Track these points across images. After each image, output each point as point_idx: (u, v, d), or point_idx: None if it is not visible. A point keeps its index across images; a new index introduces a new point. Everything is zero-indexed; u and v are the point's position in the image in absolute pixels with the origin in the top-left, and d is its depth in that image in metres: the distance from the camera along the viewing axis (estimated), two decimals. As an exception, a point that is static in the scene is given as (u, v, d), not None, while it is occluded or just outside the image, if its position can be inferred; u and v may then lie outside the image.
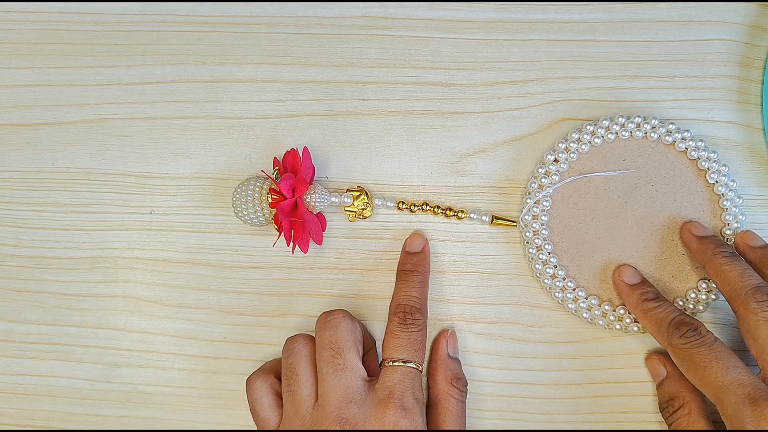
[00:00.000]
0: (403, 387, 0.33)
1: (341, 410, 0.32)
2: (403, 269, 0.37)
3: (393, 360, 0.34)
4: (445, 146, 0.39)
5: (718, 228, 0.37)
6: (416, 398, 0.33)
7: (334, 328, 0.34)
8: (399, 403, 0.32)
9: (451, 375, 0.36)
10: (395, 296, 0.37)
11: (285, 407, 0.34)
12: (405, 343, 0.35)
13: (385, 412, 0.32)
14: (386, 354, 0.35)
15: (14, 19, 0.40)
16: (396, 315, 0.35)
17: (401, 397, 0.33)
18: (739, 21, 0.38)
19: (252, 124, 0.39)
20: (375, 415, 0.32)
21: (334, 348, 0.34)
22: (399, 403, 0.32)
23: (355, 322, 0.35)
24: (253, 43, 0.39)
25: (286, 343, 0.36)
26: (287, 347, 0.36)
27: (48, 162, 0.40)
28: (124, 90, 0.40)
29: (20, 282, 0.40)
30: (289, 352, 0.35)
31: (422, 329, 0.35)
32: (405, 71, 0.39)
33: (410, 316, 0.35)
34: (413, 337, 0.35)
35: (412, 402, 0.33)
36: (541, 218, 0.37)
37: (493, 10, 0.39)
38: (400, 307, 0.36)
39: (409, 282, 0.37)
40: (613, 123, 0.37)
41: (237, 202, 0.37)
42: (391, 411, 0.32)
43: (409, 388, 0.33)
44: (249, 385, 0.36)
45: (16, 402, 0.39)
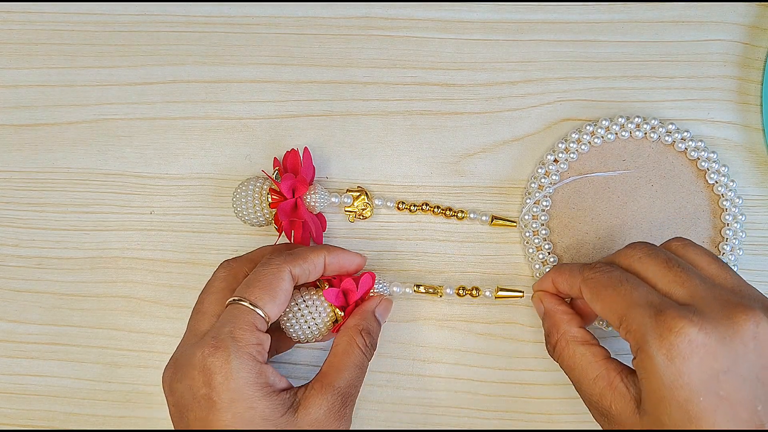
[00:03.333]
0: (222, 323, 0.30)
1: (178, 351, 0.31)
2: None
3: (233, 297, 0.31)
4: (445, 146, 0.39)
5: (718, 228, 0.37)
6: (234, 336, 0.29)
7: (211, 277, 0.34)
8: (212, 340, 0.29)
9: (364, 326, 0.34)
10: None
11: None
12: (246, 281, 0.32)
13: (195, 351, 0.29)
14: None
15: (14, 20, 0.40)
16: None
17: (216, 334, 0.29)
18: (738, 21, 0.39)
19: (252, 124, 0.39)
20: (188, 355, 0.30)
21: (201, 294, 0.33)
22: (212, 340, 0.29)
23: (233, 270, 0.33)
24: (253, 43, 0.39)
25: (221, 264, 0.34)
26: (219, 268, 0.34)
27: (48, 162, 0.40)
28: (124, 90, 0.40)
29: (20, 282, 0.40)
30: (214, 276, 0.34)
31: (274, 268, 0.32)
32: (405, 71, 0.39)
33: (268, 256, 0.33)
34: (256, 275, 0.32)
35: (227, 339, 0.29)
36: (541, 218, 0.37)
37: (493, 11, 0.39)
38: None
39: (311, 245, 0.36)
40: (613, 123, 0.37)
41: (237, 202, 0.37)
42: (200, 348, 0.29)
43: (227, 324, 0.30)
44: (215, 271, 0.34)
45: (16, 402, 0.39)
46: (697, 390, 0.26)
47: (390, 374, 0.38)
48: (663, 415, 0.27)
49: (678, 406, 0.26)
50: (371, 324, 0.34)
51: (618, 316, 0.29)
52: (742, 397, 0.26)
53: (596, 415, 0.31)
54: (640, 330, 0.28)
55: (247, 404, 0.29)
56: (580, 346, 0.32)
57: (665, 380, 0.26)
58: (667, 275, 0.29)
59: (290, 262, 0.32)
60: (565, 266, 0.34)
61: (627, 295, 0.29)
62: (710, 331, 0.26)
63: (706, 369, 0.26)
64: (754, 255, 0.38)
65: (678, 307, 0.27)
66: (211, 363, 0.29)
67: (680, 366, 0.26)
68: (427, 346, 0.38)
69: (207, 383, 0.29)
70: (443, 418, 0.38)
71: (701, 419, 0.26)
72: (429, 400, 0.38)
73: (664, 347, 0.26)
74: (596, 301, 0.30)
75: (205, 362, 0.29)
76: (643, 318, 0.27)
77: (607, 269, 0.31)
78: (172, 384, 0.30)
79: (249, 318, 0.30)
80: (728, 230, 0.37)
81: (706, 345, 0.26)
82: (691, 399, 0.26)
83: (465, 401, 0.38)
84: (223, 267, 0.34)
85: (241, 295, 0.31)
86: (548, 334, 0.34)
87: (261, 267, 0.32)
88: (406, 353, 0.38)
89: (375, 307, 0.35)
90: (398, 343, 0.39)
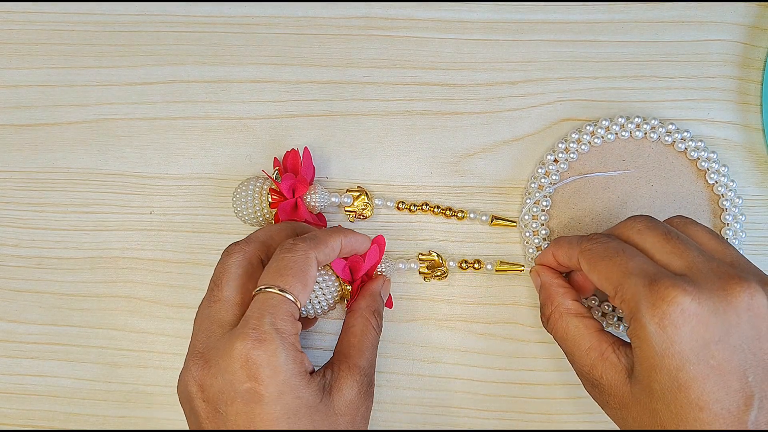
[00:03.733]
0: (260, 314, 0.29)
1: (200, 344, 0.30)
2: None
3: (259, 287, 0.30)
4: (445, 146, 0.39)
5: (718, 228, 0.37)
6: (277, 328, 0.28)
7: (223, 262, 0.32)
8: (253, 333, 0.28)
9: (375, 306, 0.34)
10: None
11: None
12: (274, 268, 0.30)
13: (234, 343, 0.28)
14: (258, 282, 0.31)
15: (15, 20, 0.40)
16: (280, 245, 0.32)
17: (256, 326, 0.28)
18: (738, 21, 0.39)
19: (252, 124, 0.39)
20: (226, 349, 0.28)
21: (215, 281, 0.32)
22: (253, 333, 0.28)
23: (250, 256, 0.32)
24: (253, 43, 0.39)
25: (224, 252, 0.33)
26: (223, 254, 0.33)
27: (48, 162, 0.40)
28: (125, 90, 0.40)
29: (20, 282, 0.40)
30: (222, 258, 0.32)
31: (301, 255, 0.31)
32: (405, 71, 0.39)
33: (290, 241, 0.31)
34: (285, 262, 0.30)
35: (271, 332, 0.28)
36: (541, 218, 0.37)
37: (493, 11, 0.39)
38: None
39: (322, 228, 0.35)
40: (613, 123, 0.37)
41: (237, 203, 0.37)
42: (240, 342, 0.28)
43: (267, 315, 0.29)
44: (227, 252, 0.32)
45: (16, 402, 0.39)
46: (688, 358, 0.26)
47: (390, 374, 0.38)
48: (654, 383, 0.27)
49: (668, 373, 0.27)
50: (380, 305, 0.35)
51: (613, 285, 0.29)
52: (733, 367, 0.26)
53: (587, 385, 0.32)
54: (633, 298, 0.28)
55: (294, 394, 0.29)
56: (573, 318, 0.32)
57: (657, 348, 0.27)
58: (665, 246, 0.29)
59: (315, 248, 0.31)
60: (564, 239, 0.34)
61: (622, 265, 0.29)
62: (703, 301, 0.26)
63: (698, 338, 0.26)
64: (754, 255, 0.38)
65: (672, 277, 0.27)
66: (257, 356, 0.28)
67: (672, 334, 0.26)
68: (427, 346, 0.38)
69: (253, 377, 0.28)
70: (443, 418, 0.38)
71: (690, 387, 0.26)
72: (429, 400, 0.38)
73: (656, 315, 0.27)
74: (593, 271, 0.30)
75: (249, 356, 0.28)
76: (637, 287, 0.28)
77: (604, 240, 0.31)
78: (205, 380, 0.29)
79: (286, 307, 0.29)
80: (728, 230, 0.37)
81: (699, 314, 0.26)
82: (682, 367, 0.26)
83: (465, 401, 0.38)
84: (236, 252, 0.32)
85: (274, 283, 0.30)
86: (543, 306, 0.34)
87: (288, 253, 0.31)
88: (406, 353, 0.39)
89: (381, 288, 0.36)
90: (398, 343, 0.39)
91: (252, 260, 0.32)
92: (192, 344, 0.31)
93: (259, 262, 0.32)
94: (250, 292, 0.31)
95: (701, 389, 0.26)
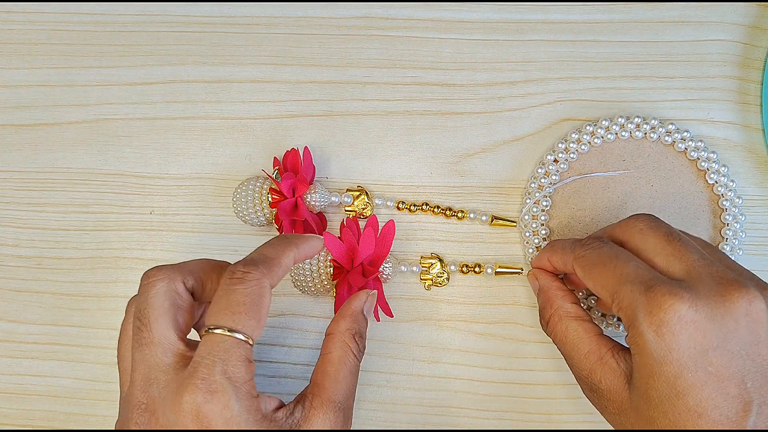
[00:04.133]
0: (211, 361, 0.26)
1: (141, 393, 0.27)
2: None
3: (207, 326, 0.27)
4: (445, 146, 0.39)
5: (717, 228, 0.37)
6: (229, 377, 0.26)
7: (144, 294, 0.28)
8: (202, 384, 0.25)
9: (356, 329, 0.32)
10: None
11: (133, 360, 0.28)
12: (224, 304, 0.27)
13: (183, 395, 0.25)
14: (206, 319, 0.28)
15: (14, 20, 0.40)
16: (226, 271, 0.28)
17: (206, 376, 0.26)
18: (738, 21, 0.39)
19: (252, 124, 0.39)
20: (174, 400, 0.26)
21: (141, 319, 0.28)
22: (202, 384, 0.25)
23: (174, 283, 0.28)
24: (253, 43, 0.39)
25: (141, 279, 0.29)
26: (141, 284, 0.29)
27: (48, 162, 0.40)
28: (125, 90, 0.40)
29: (20, 282, 0.40)
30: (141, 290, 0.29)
31: (254, 286, 0.28)
32: (405, 71, 0.39)
33: (240, 268, 0.28)
34: (236, 296, 0.27)
35: (223, 381, 0.26)
36: (541, 218, 0.37)
37: (493, 11, 0.39)
38: (235, 263, 0.29)
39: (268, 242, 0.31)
40: (613, 123, 0.37)
41: (237, 202, 0.37)
42: (189, 394, 0.25)
43: (219, 362, 0.26)
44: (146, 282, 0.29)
45: (16, 402, 0.39)
46: (686, 365, 0.26)
47: (390, 374, 0.38)
48: (651, 390, 0.27)
49: (666, 381, 0.26)
50: (362, 325, 0.33)
51: (609, 293, 0.29)
52: (731, 373, 0.26)
53: (586, 390, 0.31)
54: (630, 306, 0.27)
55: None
56: (572, 321, 0.32)
57: (655, 355, 0.27)
58: (666, 248, 0.29)
59: (268, 273, 0.28)
60: (558, 244, 0.33)
61: (617, 272, 0.29)
62: (701, 308, 0.26)
63: (696, 345, 0.26)
64: (754, 255, 0.38)
65: (668, 283, 0.27)
66: (209, 410, 0.25)
67: (669, 341, 0.26)
68: (427, 346, 0.38)
69: None
70: (443, 418, 0.38)
71: (688, 394, 0.26)
72: (429, 400, 0.38)
73: (654, 323, 0.26)
74: (588, 278, 0.30)
75: (200, 409, 0.25)
76: (633, 294, 0.27)
77: (597, 245, 0.31)
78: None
79: (239, 351, 0.26)
80: (728, 230, 0.37)
81: (696, 321, 0.26)
82: (680, 374, 0.26)
83: (465, 401, 0.38)
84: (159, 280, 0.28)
85: (224, 323, 0.27)
86: (542, 310, 0.34)
87: (238, 285, 0.27)
88: (406, 353, 0.38)
89: (363, 305, 0.33)
90: (398, 343, 0.39)
91: (177, 288, 0.29)
92: (129, 393, 0.27)
93: (185, 288, 0.29)
94: (185, 326, 0.29)
95: (699, 396, 0.26)
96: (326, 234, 0.34)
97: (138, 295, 0.29)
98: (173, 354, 0.27)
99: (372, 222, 0.37)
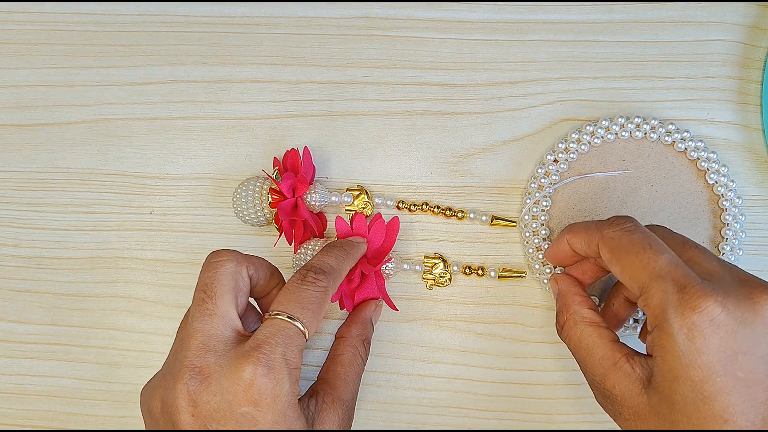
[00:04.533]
0: (274, 342, 0.28)
1: (197, 358, 0.28)
2: (330, 242, 0.35)
3: (275, 311, 0.30)
4: (444, 146, 0.39)
5: (718, 228, 0.37)
6: (287, 359, 0.28)
7: (213, 270, 0.30)
8: (264, 359, 0.28)
9: (366, 335, 0.35)
10: None
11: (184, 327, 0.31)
12: (294, 298, 0.30)
13: (243, 365, 0.28)
14: (272, 306, 0.30)
15: (15, 20, 0.40)
16: (298, 272, 0.32)
17: (269, 352, 0.28)
18: (738, 21, 0.39)
19: (252, 124, 0.39)
20: (231, 368, 0.28)
21: (207, 291, 0.30)
22: (264, 359, 0.28)
23: (241, 267, 0.31)
24: (253, 43, 0.39)
25: (209, 257, 0.31)
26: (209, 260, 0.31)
27: (48, 162, 0.40)
28: (125, 90, 0.40)
29: (20, 282, 0.40)
30: (210, 266, 0.31)
31: (322, 292, 0.31)
32: (405, 71, 0.39)
33: (312, 274, 0.31)
34: (306, 294, 0.30)
35: (280, 362, 0.28)
36: (541, 218, 0.37)
37: (493, 11, 0.39)
38: (306, 266, 0.32)
39: (329, 251, 0.34)
40: (613, 123, 0.37)
41: (237, 202, 0.37)
42: (251, 366, 0.28)
43: (280, 345, 0.28)
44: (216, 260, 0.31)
45: (16, 402, 0.39)
46: (716, 370, 0.26)
47: (390, 374, 0.38)
48: (675, 394, 0.26)
49: (692, 385, 0.26)
50: (370, 332, 0.36)
51: (639, 285, 0.28)
52: (759, 378, 0.26)
53: (598, 397, 0.31)
54: (660, 306, 0.27)
55: (286, 424, 0.28)
56: (588, 327, 0.31)
57: (683, 359, 0.26)
58: (682, 255, 0.29)
59: (333, 285, 0.32)
60: (580, 225, 0.32)
61: (650, 265, 0.28)
62: (732, 311, 0.26)
63: (726, 349, 0.26)
64: (754, 255, 0.38)
65: (701, 283, 0.27)
66: (263, 384, 0.28)
67: (700, 345, 0.26)
68: (427, 346, 0.38)
69: (253, 402, 0.28)
70: (443, 418, 0.38)
71: (715, 400, 0.26)
72: (429, 400, 0.38)
73: (685, 326, 0.26)
74: (615, 264, 0.29)
75: (255, 381, 0.28)
76: (666, 294, 0.27)
77: (629, 228, 0.30)
78: (201, 396, 0.28)
79: (299, 341, 0.29)
80: (728, 230, 0.37)
81: (727, 325, 0.26)
82: (708, 379, 0.26)
83: (465, 401, 0.38)
84: (227, 261, 0.31)
85: (294, 313, 0.30)
86: (558, 313, 0.33)
87: (310, 287, 0.31)
88: (406, 353, 0.39)
89: (372, 314, 0.37)
90: (398, 343, 0.39)
91: (242, 272, 0.31)
92: (183, 356, 0.29)
93: (247, 275, 0.32)
94: (242, 308, 0.31)
95: (727, 402, 0.26)
96: (338, 217, 0.36)
97: (204, 271, 0.31)
98: (232, 329, 0.30)
99: (379, 216, 0.37)
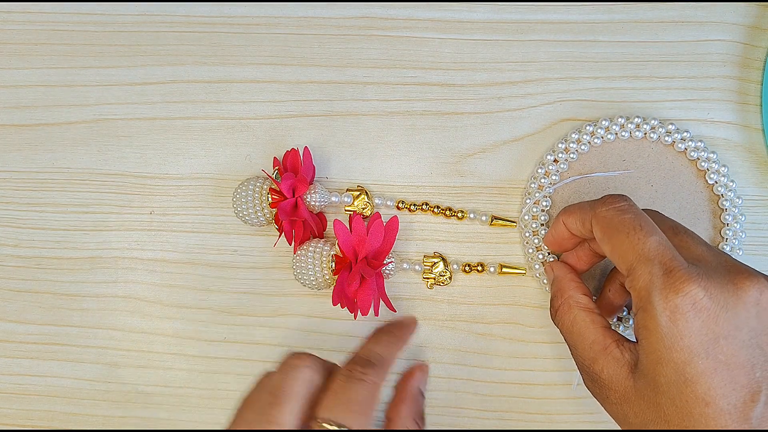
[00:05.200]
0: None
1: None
2: (378, 327, 0.34)
3: (322, 420, 0.27)
4: (444, 146, 0.39)
5: (717, 228, 0.37)
6: None
7: (287, 374, 0.29)
8: None
9: (418, 410, 0.34)
10: None
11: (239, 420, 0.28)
12: (343, 400, 0.28)
13: None
14: (318, 410, 0.28)
15: (15, 20, 0.40)
16: (345, 366, 0.30)
17: None
18: (738, 22, 0.39)
19: (252, 124, 0.39)
20: None
21: (276, 395, 0.28)
22: None
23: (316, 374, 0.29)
24: (253, 43, 0.39)
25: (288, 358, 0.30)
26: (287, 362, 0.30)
27: (48, 162, 0.40)
28: (125, 90, 0.40)
29: (20, 282, 0.40)
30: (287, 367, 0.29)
31: (371, 388, 0.29)
32: (405, 71, 0.39)
33: (359, 369, 0.29)
34: (355, 395, 0.28)
35: None
36: (541, 218, 0.37)
37: (493, 11, 0.39)
38: (353, 359, 0.30)
39: (378, 338, 0.32)
40: (613, 123, 0.37)
41: (237, 202, 0.37)
42: None
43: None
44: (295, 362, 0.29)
45: (16, 402, 0.39)
46: (697, 353, 0.26)
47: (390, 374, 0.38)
48: (659, 376, 0.27)
49: (675, 367, 0.26)
50: (421, 404, 0.34)
51: (626, 266, 0.28)
52: (741, 362, 0.26)
53: (587, 380, 0.31)
54: (646, 288, 0.27)
55: None
56: (581, 312, 0.32)
57: (666, 341, 0.26)
58: (672, 239, 0.29)
59: (383, 377, 0.30)
60: (574, 205, 0.33)
61: (638, 246, 0.28)
62: (715, 295, 0.26)
63: (708, 332, 0.26)
64: (754, 255, 0.38)
65: (687, 267, 0.27)
66: None
67: (682, 328, 0.26)
68: (427, 346, 0.38)
69: None
70: (443, 418, 0.38)
71: (697, 382, 0.26)
72: (429, 400, 0.38)
73: (668, 309, 0.26)
74: (606, 243, 0.30)
75: None
76: (652, 276, 0.27)
77: (621, 207, 0.30)
78: None
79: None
80: (728, 230, 0.37)
81: (709, 309, 0.26)
82: (690, 361, 0.26)
83: (465, 401, 0.38)
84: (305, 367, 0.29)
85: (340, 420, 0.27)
86: (553, 298, 0.34)
87: (357, 384, 0.29)
88: (406, 353, 0.38)
89: (420, 382, 0.35)
90: (398, 343, 0.39)
91: (317, 380, 0.29)
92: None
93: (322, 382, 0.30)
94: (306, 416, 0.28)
95: (708, 384, 0.26)
96: (336, 221, 0.35)
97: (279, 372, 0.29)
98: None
99: (377, 216, 0.37)
